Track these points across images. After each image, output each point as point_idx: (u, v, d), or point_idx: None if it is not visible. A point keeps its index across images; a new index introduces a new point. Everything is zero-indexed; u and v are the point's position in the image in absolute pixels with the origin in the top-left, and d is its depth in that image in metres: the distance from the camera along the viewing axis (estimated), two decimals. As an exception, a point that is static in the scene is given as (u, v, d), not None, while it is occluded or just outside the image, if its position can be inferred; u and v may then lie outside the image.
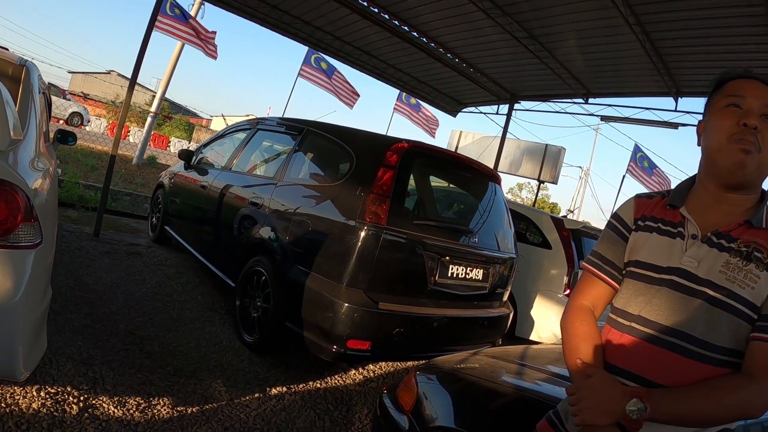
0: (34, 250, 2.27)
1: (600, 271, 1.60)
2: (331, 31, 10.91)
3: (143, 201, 11.08)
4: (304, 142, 5.10)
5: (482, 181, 5.06)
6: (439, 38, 10.30)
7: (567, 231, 6.69)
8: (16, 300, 2.13)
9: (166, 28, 9.30)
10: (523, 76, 11.53)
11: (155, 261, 6.39)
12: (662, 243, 1.48)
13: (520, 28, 8.97)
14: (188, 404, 3.41)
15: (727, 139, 1.37)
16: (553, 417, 1.63)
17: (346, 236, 3.87)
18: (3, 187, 2.12)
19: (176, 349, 4.21)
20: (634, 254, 1.53)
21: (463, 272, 4.38)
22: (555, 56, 9.94)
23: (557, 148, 14.64)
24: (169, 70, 18.24)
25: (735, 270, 1.35)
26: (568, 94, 11.98)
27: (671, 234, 1.48)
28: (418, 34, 10.18)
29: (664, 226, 1.50)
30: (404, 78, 13.06)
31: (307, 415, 3.71)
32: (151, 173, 15.91)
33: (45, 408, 2.90)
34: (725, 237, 1.41)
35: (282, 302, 4.23)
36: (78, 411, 2.97)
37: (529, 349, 3.56)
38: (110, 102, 39.28)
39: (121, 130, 7.71)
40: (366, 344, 3.82)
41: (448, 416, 2.44)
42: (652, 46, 8.53)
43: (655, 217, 1.54)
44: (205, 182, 6.12)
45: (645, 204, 1.59)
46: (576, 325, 1.58)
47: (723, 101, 1.42)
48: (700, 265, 1.39)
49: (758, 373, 1.29)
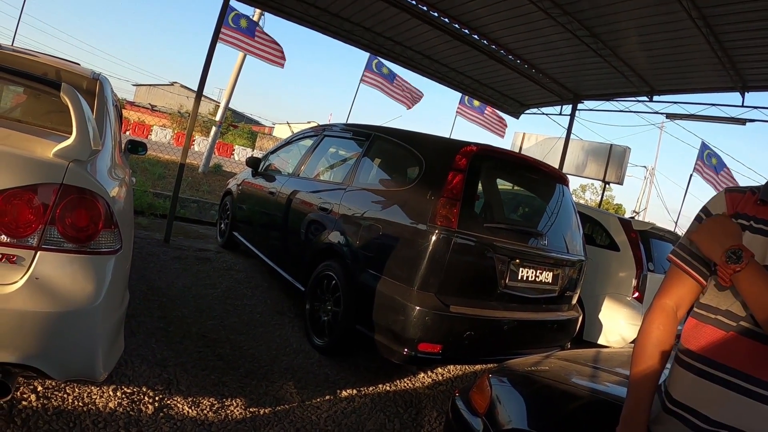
0: (114, 255, 2.36)
1: (688, 266, 1.54)
2: (391, 37, 10.96)
3: (210, 208, 11.37)
4: (371, 147, 5.15)
5: (550, 182, 5.02)
6: (500, 40, 10.21)
7: (635, 232, 6.56)
8: (97, 304, 2.21)
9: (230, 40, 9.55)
10: (586, 76, 11.32)
11: (224, 266, 6.54)
12: (756, 241, 1.43)
13: (580, 27, 8.82)
14: (260, 405, 3.49)
15: None
16: None
17: (417, 240, 3.90)
18: (84, 196, 2.21)
19: (247, 351, 4.30)
20: None
21: (533, 275, 4.36)
22: (617, 54, 9.73)
23: (622, 148, 14.32)
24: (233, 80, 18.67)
25: None
26: (631, 92, 11.67)
27: (764, 232, 1.43)
28: (478, 37, 10.13)
29: (756, 223, 1.45)
30: (466, 81, 12.98)
31: (377, 418, 3.75)
32: (217, 181, 16.29)
33: (121, 407, 3.01)
34: None
35: (352, 306, 4.28)
36: (153, 411, 3.08)
37: (601, 353, 3.51)
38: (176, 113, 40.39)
39: (189, 140, 7.93)
40: (437, 347, 3.84)
41: (521, 418, 2.43)
42: (716, 40, 8.26)
43: (747, 214, 1.48)
44: (273, 188, 6.24)
45: (737, 199, 1.53)
46: (653, 327, 1.57)
47: None
48: None
49: None
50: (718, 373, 1.38)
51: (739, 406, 1.33)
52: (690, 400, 1.43)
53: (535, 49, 10.39)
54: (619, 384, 2.55)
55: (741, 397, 1.33)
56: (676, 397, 1.48)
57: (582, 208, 7.24)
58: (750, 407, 1.32)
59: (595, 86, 11.96)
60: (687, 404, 1.44)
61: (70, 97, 2.33)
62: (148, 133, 36.87)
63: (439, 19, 9.56)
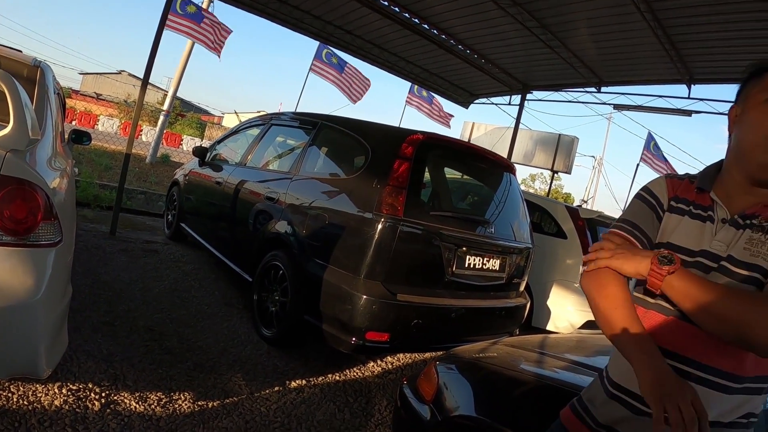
0: (55, 248, 2.28)
1: (631, 236, 1.50)
2: (341, 25, 10.89)
3: (158, 199, 11.16)
4: (318, 136, 5.11)
5: (497, 171, 5.05)
6: (450, 29, 10.25)
7: (582, 220, 6.67)
8: (37, 298, 2.14)
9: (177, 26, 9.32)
10: (535, 66, 11.46)
11: (172, 258, 6.43)
12: (694, 227, 1.45)
13: (531, 18, 8.91)
14: (209, 398, 3.44)
15: (762, 137, 1.33)
16: (577, 405, 1.63)
17: (363, 228, 3.88)
18: (22, 186, 2.13)
19: (195, 344, 4.24)
20: (665, 236, 1.50)
21: (480, 263, 4.38)
22: (566, 45, 9.88)
23: (570, 138, 14.57)
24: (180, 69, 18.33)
25: (758, 244, 1.34)
26: (580, 83, 11.89)
27: (702, 218, 1.45)
28: (428, 26, 10.14)
29: (695, 209, 1.48)
30: (415, 70, 13.03)
31: (327, 408, 3.73)
32: (165, 171, 16.02)
33: (67, 405, 2.94)
34: (750, 217, 1.39)
35: (300, 296, 4.25)
36: (100, 407, 3.01)
37: (548, 338, 3.56)
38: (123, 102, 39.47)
39: (135, 130, 7.73)
40: (385, 336, 3.84)
41: (468, 405, 2.44)
42: (664, 33, 8.45)
43: (686, 199, 1.51)
44: (220, 178, 6.15)
45: (676, 185, 1.55)
46: (609, 280, 1.44)
47: (764, 94, 1.36)
48: (728, 248, 1.38)
49: None
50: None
51: None
52: (629, 383, 1.44)
53: (485, 40, 10.46)
54: (566, 369, 2.58)
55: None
56: (616, 380, 1.50)
57: (530, 196, 7.34)
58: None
59: (544, 77, 12.13)
60: (627, 387, 1.45)
61: (7, 84, 2.26)
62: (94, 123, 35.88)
63: (389, 8, 9.55)
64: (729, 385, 1.33)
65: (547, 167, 14.98)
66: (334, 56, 12.07)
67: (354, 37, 11.36)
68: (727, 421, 1.35)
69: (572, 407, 1.65)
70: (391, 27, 10.38)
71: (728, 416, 1.35)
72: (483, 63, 11.59)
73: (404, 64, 12.67)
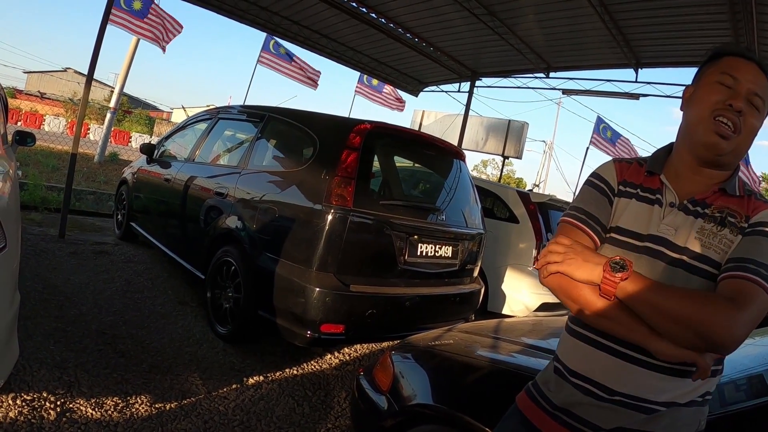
0: None
1: (583, 224, 1.49)
2: (288, 16, 10.77)
3: (107, 199, 10.90)
4: (266, 128, 5.05)
5: (446, 158, 5.07)
6: (398, 18, 10.24)
7: (533, 204, 6.75)
8: None
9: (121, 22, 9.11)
10: (484, 53, 11.53)
11: (123, 258, 6.28)
12: (642, 210, 1.46)
13: (478, 5, 8.95)
14: (166, 400, 3.39)
15: (709, 113, 1.36)
16: (532, 389, 1.63)
17: (313, 220, 3.86)
18: None
19: (150, 345, 4.18)
20: (614, 220, 1.50)
21: (432, 250, 4.40)
22: (514, 32, 9.95)
23: (520, 124, 14.75)
24: (126, 64, 17.95)
25: (710, 236, 1.36)
26: (528, 69, 12.01)
27: (650, 201, 1.46)
28: (376, 15, 10.11)
29: (642, 192, 1.49)
30: (364, 60, 12.99)
31: (286, 403, 3.71)
32: (114, 170, 15.66)
33: (22, 416, 2.86)
34: (700, 204, 1.41)
35: (253, 291, 4.20)
36: (56, 416, 2.94)
37: (503, 323, 3.58)
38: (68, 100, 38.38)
39: (80, 128, 7.51)
40: (339, 328, 3.83)
41: (425, 393, 2.46)
42: (611, 19, 8.60)
43: (634, 183, 1.51)
44: (169, 175, 6.03)
45: (625, 168, 1.56)
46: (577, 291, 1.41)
47: (715, 76, 1.40)
48: (677, 232, 1.39)
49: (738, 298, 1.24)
50: (610, 344, 1.40)
51: (634, 376, 1.36)
52: (589, 371, 1.44)
53: (433, 28, 10.48)
54: (521, 353, 2.61)
55: (635, 367, 1.36)
56: (573, 368, 1.48)
57: (481, 182, 7.41)
58: (644, 376, 1.36)
59: (493, 63, 12.21)
60: (586, 375, 1.44)
61: None
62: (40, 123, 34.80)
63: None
64: (686, 369, 1.33)
65: (497, 153, 15.14)
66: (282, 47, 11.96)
67: (301, 27, 11.26)
68: (684, 402, 1.37)
69: (527, 391, 1.64)
70: (338, 17, 10.32)
71: (686, 397, 1.37)
72: (432, 51, 11.62)
73: (353, 53, 12.62)
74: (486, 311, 6.40)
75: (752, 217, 1.37)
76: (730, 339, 1.19)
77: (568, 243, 1.39)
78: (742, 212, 1.38)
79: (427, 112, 16.90)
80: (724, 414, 1.81)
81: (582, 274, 1.33)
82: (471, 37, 10.60)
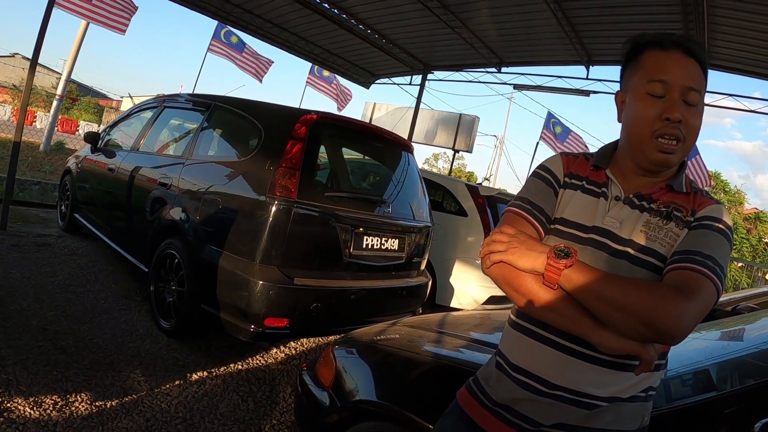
0: None
1: (528, 214, 1.47)
2: (240, 4, 10.61)
3: (53, 189, 10.58)
4: (211, 118, 4.96)
5: (394, 150, 5.07)
6: (351, 9, 10.19)
7: (482, 198, 6.80)
8: None
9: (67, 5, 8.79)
10: (436, 47, 11.57)
11: (66, 251, 6.12)
12: (587, 202, 1.46)
13: (432, -2, 8.98)
14: (107, 398, 3.31)
15: (649, 134, 1.34)
16: (472, 384, 1.61)
17: (257, 212, 3.80)
18: None
19: (92, 341, 4.07)
20: (559, 211, 1.50)
21: (379, 243, 4.39)
22: (467, 26, 10.01)
23: (471, 117, 14.83)
24: (74, 50, 17.38)
25: (655, 229, 1.36)
26: (481, 64, 12.08)
27: (595, 194, 1.46)
28: (329, 6, 10.04)
29: (588, 185, 1.48)
30: (316, 50, 12.90)
31: (230, 399, 3.66)
32: (60, 159, 15.20)
33: (-43, 418, 2.76)
34: (647, 199, 1.41)
35: (196, 284, 4.13)
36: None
37: (448, 316, 3.58)
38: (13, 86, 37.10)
39: (24, 115, 7.25)
40: (284, 321, 3.79)
41: (368, 389, 2.43)
42: (563, 15, 8.72)
43: (580, 175, 1.51)
44: (113, 165, 5.88)
45: (572, 162, 1.55)
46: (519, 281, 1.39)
47: (642, 86, 1.36)
48: (622, 225, 1.39)
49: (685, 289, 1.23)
50: (553, 337, 1.39)
51: (576, 369, 1.36)
52: (531, 365, 1.43)
53: (386, 20, 10.47)
54: (466, 348, 2.60)
55: (577, 361, 1.35)
56: (516, 363, 1.47)
57: (429, 175, 7.43)
58: (585, 369, 1.35)
59: (445, 57, 12.27)
60: (528, 369, 1.43)
61: None
62: (-16, 111, 33.60)
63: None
64: (628, 363, 1.33)
65: (448, 146, 15.20)
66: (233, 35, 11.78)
67: (253, 16, 11.10)
68: (626, 396, 1.36)
69: (468, 387, 1.63)
70: (291, 6, 10.20)
71: (628, 392, 1.36)
72: (384, 43, 11.60)
73: (304, 44, 12.52)
74: (434, 304, 6.44)
75: (698, 212, 1.37)
76: (678, 328, 1.17)
77: (512, 232, 1.36)
78: (688, 207, 1.38)
79: (378, 104, 16.87)
80: (670, 410, 1.81)
81: (525, 262, 1.30)
82: (424, 30, 10.61)
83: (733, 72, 9.44)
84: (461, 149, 15.07)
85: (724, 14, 7.56)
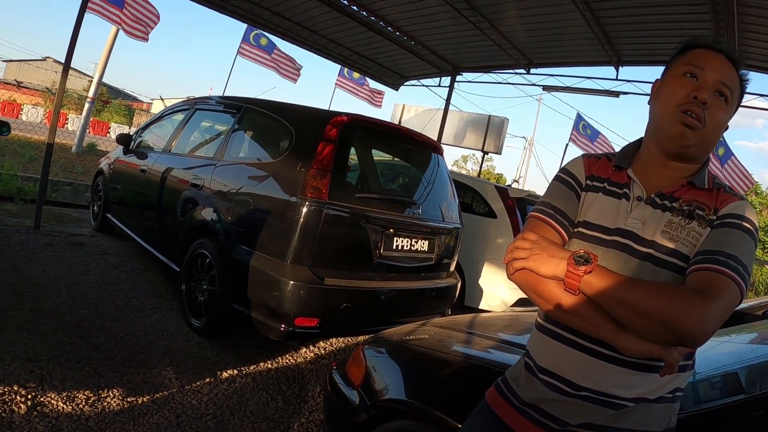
0: None
1: (551, 219, 1.48)
2: (269, 7, 10.70)
3: (85, 190, 10.77)
4: (242, 120, 5.01)
5: (424, 152, 5.06)
6: (380, 11, 10.20)
7: (511, 200, 6.77)
8: None
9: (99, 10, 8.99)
10: (465, 48, 11.54)
11: (98, 250, 6.23)
12: (609, 204, 1.46)
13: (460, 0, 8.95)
14: (138, 394, 3.35)
15: (675, 107, 1.35)
16: (501, 384, 1.62)
17: (288, 213, 3.83)
18: None
19: (124, 338, 4.12)
20: (582, 214, 1.50)
21: (408, 244, 4.39)
22: (496, 27, 9.97)
23: (500, 119, 14.77)
24: (106, 54, 17.71)
25: (678, 229, 1.35)
26: (509, 65, 12.04)
27: (617, 195, 1.46)
28: (358, 8, 10.07)
29: (609, 186, 1.48)
30: (345, 53, 12.95)
31: (260, 397, 3.69)
32: (92, 161, 15.48)
33: (-8, 410, 2.81)
34: (668, 197, 1.40)
35: (227, 284, 4.17)
36: (26, 410, 2.90)
37: (478, 317, 3.56)
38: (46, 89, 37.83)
39: (57, 117, 7.39)
40: (314, 321, 3.81)
41: (398, 388, 2.43)
42: (592, 16, 8.64)
43: (601, 177, 1.51)
44: (145, 166, 5.97)
45: (593, 163, 1.56)
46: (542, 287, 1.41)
47: (682, 68, 1.39)
48: (644, 226, 1.38)
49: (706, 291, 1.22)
50: (578, 340, 1.39)
51: (601, 371, 1.36)
52: (557, 368, 1.43)
53: (414, 21, 10.46)
54: (495, 348, 2.59)
55: (602, 363, 1.35)
56: (542, 365, 1.48)
57: (459, 177, 7.41)
58: (611, 371, 1.35)
59: (474, 58, 12.23)
60: (555, 372, 1.43)
61: None
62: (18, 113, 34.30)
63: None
64: (653, 364, 1.33)
65: (477, 148, 15.15)
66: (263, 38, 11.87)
67: (282, 19, 11.18)
68: (653, 398, 1.36)
69: (497, 387, 1.64)
70: (320, 9, 10.24)
71: (655, 393, 1.36)
72: (413, 45, 11.60)
73: (333, 46, 12.57)
74: (463, 306, 6.42)
75: (721, 210, 1.36)
76: (700, 331, 1.16)
77: (534, 238, 1.37)
78: (710, 205, 1.37)
79: (407, 106, 16.89)
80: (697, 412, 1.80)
81: (547, 269, 1.31)
82: (453, 32, 10.59)
83: (764, 72, 9.27)
84: (490, 151, 15.02)
85: (755, 13, 7.43)
